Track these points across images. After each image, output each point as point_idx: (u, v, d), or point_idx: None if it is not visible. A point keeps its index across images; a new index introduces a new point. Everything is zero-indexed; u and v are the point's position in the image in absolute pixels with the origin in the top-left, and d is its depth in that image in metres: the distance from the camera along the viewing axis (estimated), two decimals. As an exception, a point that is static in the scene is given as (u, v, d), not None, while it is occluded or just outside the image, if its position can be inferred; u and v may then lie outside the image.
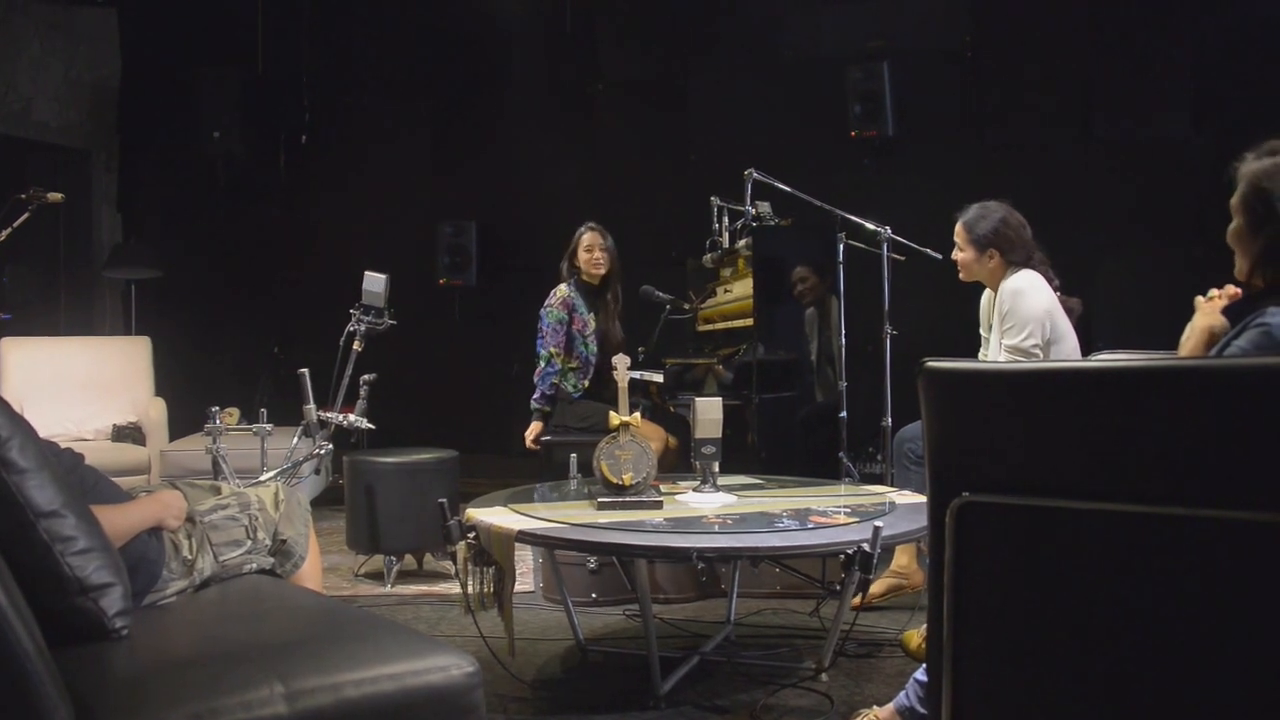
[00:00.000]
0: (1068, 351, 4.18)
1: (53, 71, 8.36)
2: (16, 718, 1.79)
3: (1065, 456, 1.74)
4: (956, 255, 4.35)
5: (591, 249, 5.65)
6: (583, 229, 5.71)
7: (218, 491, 3.05)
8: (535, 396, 5.60)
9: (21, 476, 2.16)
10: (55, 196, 5.18)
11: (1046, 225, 4.41)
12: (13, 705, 1.79)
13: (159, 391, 6.81)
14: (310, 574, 3.12)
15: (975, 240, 4.27)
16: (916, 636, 3.83)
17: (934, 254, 4.89)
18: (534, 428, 5.57)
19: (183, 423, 6.71)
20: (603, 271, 5.67)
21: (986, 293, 4.43)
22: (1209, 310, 2.76)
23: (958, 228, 4.33)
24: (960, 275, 4.39)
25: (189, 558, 2.76)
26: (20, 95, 8.12)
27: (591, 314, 5.68)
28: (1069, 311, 4.25)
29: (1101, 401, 1.72)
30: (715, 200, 5.47)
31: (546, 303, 5.65)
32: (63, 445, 2.75)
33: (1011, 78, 6.54)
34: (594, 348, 5.64)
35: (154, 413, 6.56)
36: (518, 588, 3.66)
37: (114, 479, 2.90)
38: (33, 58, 8.20)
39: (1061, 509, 1.73)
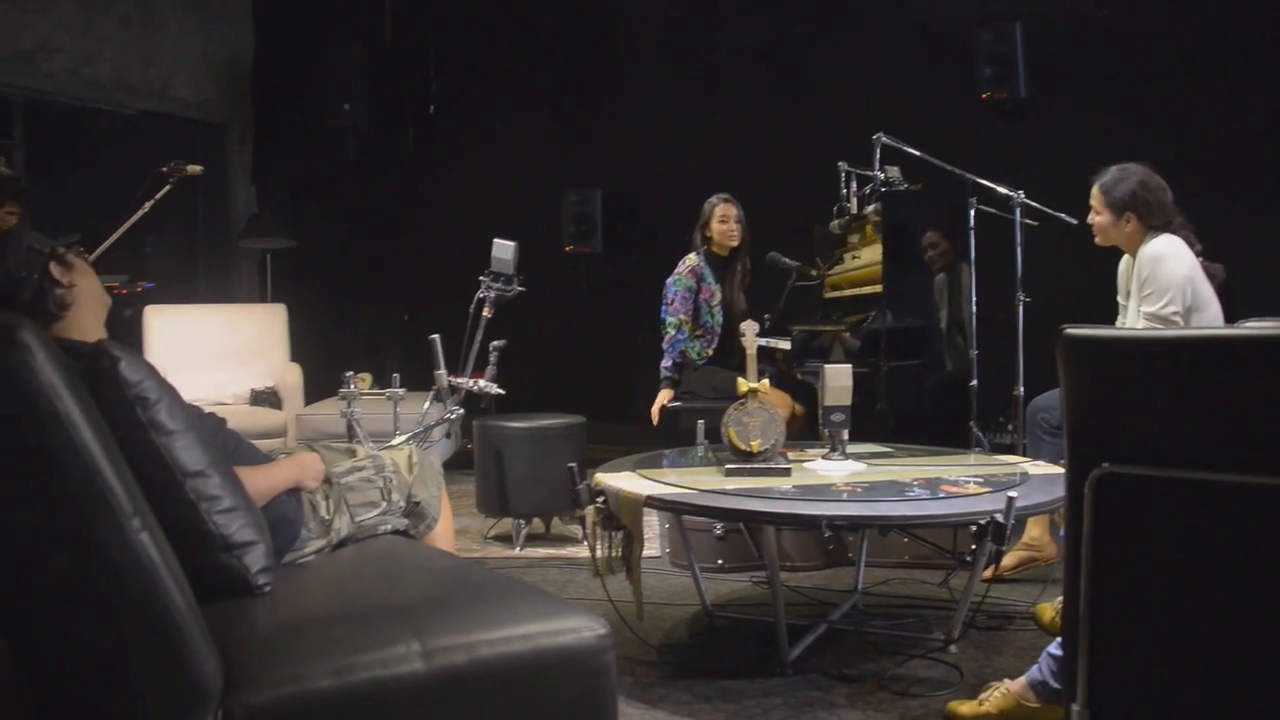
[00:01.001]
0: (1210, 319, 4.03)
1: (190, 49, 8.60)
2: (168, 668, 1.85)
3: (1208, 427, 1.69)
4: (1092, 219, 4.23)
5: (726, 219, 5.62)
6: (716, 199, 5.68)
7: (353, 454, 3.11)
8: (665, 364, 5.59)
9: (170, 438, 2.23)
10: (194, 169, 5.30)
11: (1188, 188, 4.25)
12: (164, 656, 1.86)
13: (294, 357, 6.99)
14: (443, 535, 3.18)
15: (1112, 203, 4.14)
16: (1050, 610, 3.75)
17: (1068, 219, 4.76)
18: (664, 395, 5.56)
19: (317, 387, 6.88)
20: (735, 243, 5.65)
21: (1125, 259, 4.30)
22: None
23: (1094, 190, 4.20)
24: (1096, 239, 4.26)
25: (326, 518, 2.83)
26: (160, 74, 8.36)
27: (718, 284, 5.66)
28: (1211, 277, 4.10)
29: (1247, 370, 1.66)
30: (843, 165, 5.39)
31: (675, 272, 5.63)
32: (205, 409, 2.84)
33: (1148, 35, 6.31)
34: (719, 318, 5.63)
35: (290, 378, 6.74)
36: (644, 553, 3.68)
37: (252, 442, 2.98)
38: (171, 37, 8.44)
39: (1204, 481, 1.67)
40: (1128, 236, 4.16)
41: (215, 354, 6.76)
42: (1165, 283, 4.00)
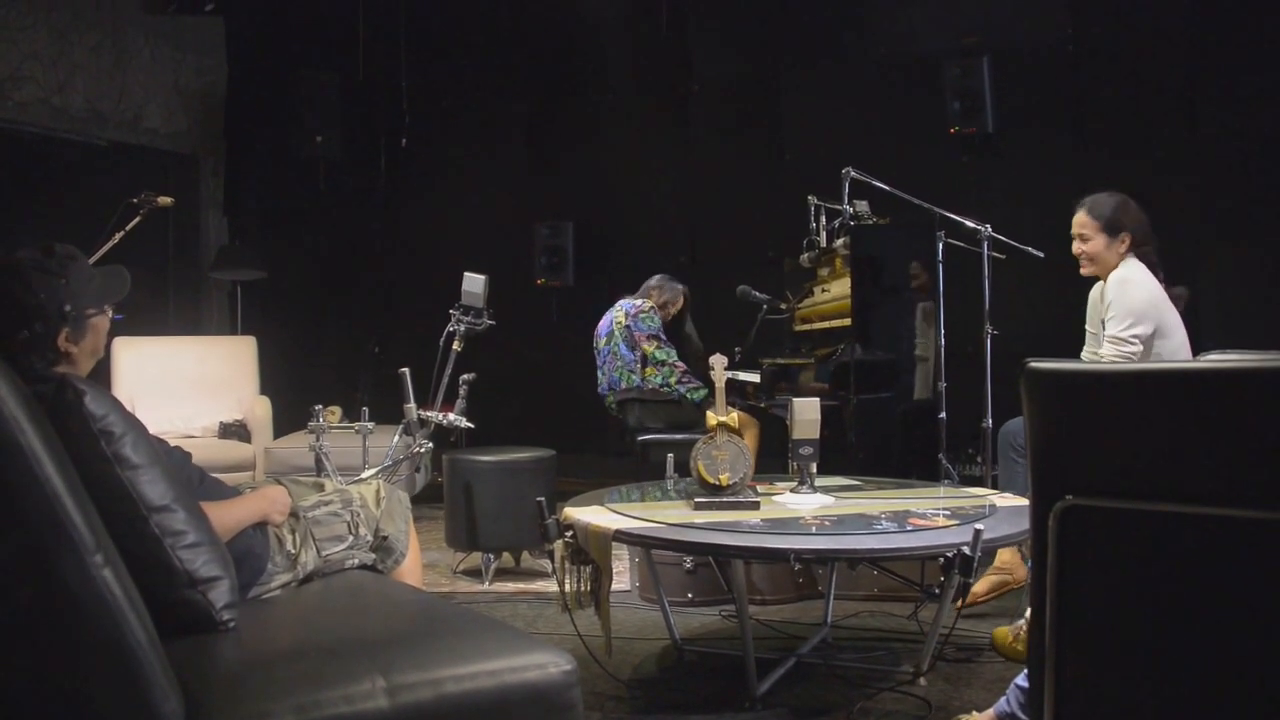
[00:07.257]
0: (1176, 345, 4.05)
1: (162, 80, 8.58)
2: (129, 705, 1.83)
3: (1172, 459, 1.70)
4: (1080, 248, 4.20)
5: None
6: (683, 289, 6.04)
7: (321, 488, 3.10)
8: (691, 386, 5.72)
9: (134, 472, 2.22)
10: (165, 201, 5.28)
11: (1153, 220, 4.30)
12: (126, 693, 1.84)
13: (263, 390, 6.96)
14: (410, 570, 3.16)
15: (1107, 225, 4.11)
16: (1008, 634, 3.78)
17: (1035, 252, 4.80)
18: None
19: (286, 420, 6.84)
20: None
21: (1096, 287, 4.30)
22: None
23: (1080, 217, 4.17)
24: (1083, 269, 4.22)
25: (293, 552, 2.81)
26: (132, 103, 8.35)
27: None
28: (1175, 299, 4.11)
29: (1210, 403, 1.67)
30: (812, 199, 5.43)
31: (639, 312, 5.79)
32: (171, 442, 2.82)
33: (1114, 70, 6.40)
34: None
35: (259, 410, 6.71)
36: (614, 587, 3.67)
37: (220, 475, 2.97)
38: (143, 67, 8.43)
39: (1168, 513, 1.69)
40: (1120, 257, 4.14)
41: (184, 386, 6.71)
42: (1128, 307, 4.01)
